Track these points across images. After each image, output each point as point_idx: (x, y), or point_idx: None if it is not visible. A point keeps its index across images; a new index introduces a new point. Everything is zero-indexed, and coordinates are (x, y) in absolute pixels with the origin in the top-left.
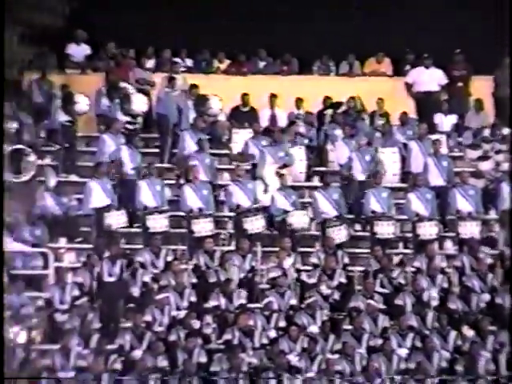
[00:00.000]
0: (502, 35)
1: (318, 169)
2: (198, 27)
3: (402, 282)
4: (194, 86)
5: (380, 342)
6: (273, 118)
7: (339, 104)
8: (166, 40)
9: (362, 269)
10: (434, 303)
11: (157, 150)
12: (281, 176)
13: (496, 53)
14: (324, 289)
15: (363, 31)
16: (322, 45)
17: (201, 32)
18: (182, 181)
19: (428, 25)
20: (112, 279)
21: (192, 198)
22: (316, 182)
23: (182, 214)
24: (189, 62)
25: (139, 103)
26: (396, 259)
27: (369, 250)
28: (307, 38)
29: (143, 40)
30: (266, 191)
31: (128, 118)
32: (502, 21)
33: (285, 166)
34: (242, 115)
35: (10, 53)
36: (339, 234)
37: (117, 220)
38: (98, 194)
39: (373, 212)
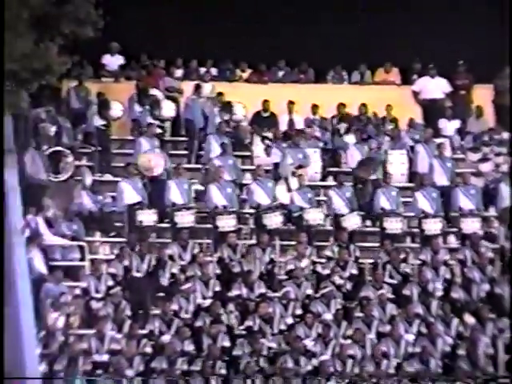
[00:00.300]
0: (503, 45)
1: (332, 169)
2: (209, 32)
3: (409, 271)
4: (219, 94)
5: (388, 328)
6: (291, 123)
7: (350, 118)
8: (172, 42)
9: (372, 261)
10: (438, 293)
11: (185, 152)
12: (299, 176)
13: (496, 63)
14: (337, 279)
15: (368, 34)
16: (328, 46)
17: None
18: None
19: (433, 37)
20: (139, 275)
21: (217, 196)
22: (330, 181)
23: (208, 210)
24: (214, 71)
25: (168, 109)
26: (403, 253)
27: (378, 244)
28: (314, 41)
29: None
30: (288, 190)
31: (157, 123)
32: (502, 32)
33: (300, 166)
34: (263, 120)
35: (49, 62)
36: (352, 221)
37: (148, 218)
38: (129, 193)
39: (382, 209)
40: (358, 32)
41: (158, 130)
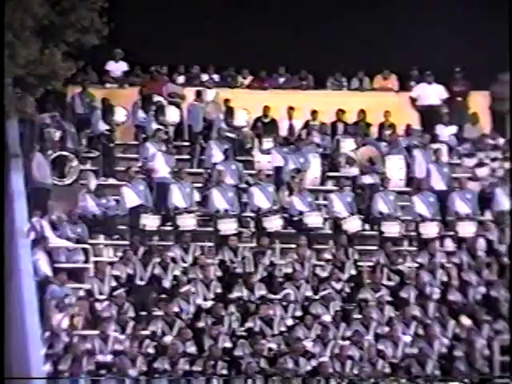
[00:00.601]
0: (499, 53)
1: (331, 174)
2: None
3: (404, 269)
4: (226, 100)
5: (386, 329)
6: (291, 128)
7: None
8: (174, 48)
9: (370, 264)
10: (435, 295)
11: (187, 157)
12: (299, 180)
13: (493, 70)
14: (335, 283)
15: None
16: (328, 53)
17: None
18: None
19: (430, 44)
20: (142, 283)
21: (219, 200)
22: (329, 186)
23: (210, 213)
24: (216, 78)
25: (173, 115)
26: (401, 256)
27: (376, 247)
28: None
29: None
30: (290, 194)
31: (162, 128)
32: (499, 39)
33: (298, 170)
34: (264, 125)
35: (55, 68)
36: (353, 224)
37: (151, 222)
38: (131, 196)
39: (380, 213)
40: (357, 39)
41: (164, 136)
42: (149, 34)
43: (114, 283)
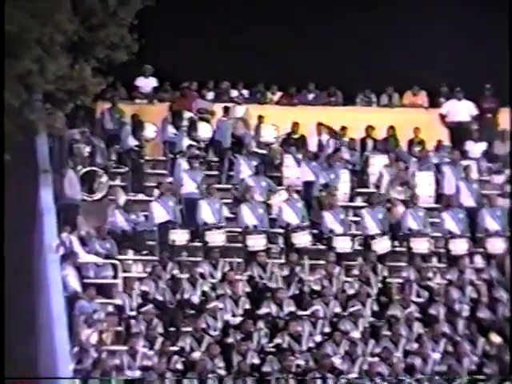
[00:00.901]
0: (501, 52)
1: (360, 190)
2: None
3: (433, 285)
4: (260, 117)
5: (416, 346)
6: (320, 144)
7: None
8: (204, 64)
9: (399, 280)
10: (465, 312)
11: (216, 173)
12: (331, 196)
13: None
14: (364, 299)
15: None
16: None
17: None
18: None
19: (459, 60)
20: (172, 306)
21: (248, 216)
22: (359, 202)
23: (239, 229)
24: (245, 94)
25: (205, 130)
26: (430, 272)
27: (406, 264)
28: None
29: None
30: (321, 209)
31: (194, 144)
32: (500, 39)
33: (326, 185)
34: (293, 141)
35: (84, 83)
36: (383, 245)
37: (180, 237)
38: (160, 212)
39: (409, 229)
40: (386, 56)
41: (197, 152)
42: (178, 50)
43: (142, 299)
